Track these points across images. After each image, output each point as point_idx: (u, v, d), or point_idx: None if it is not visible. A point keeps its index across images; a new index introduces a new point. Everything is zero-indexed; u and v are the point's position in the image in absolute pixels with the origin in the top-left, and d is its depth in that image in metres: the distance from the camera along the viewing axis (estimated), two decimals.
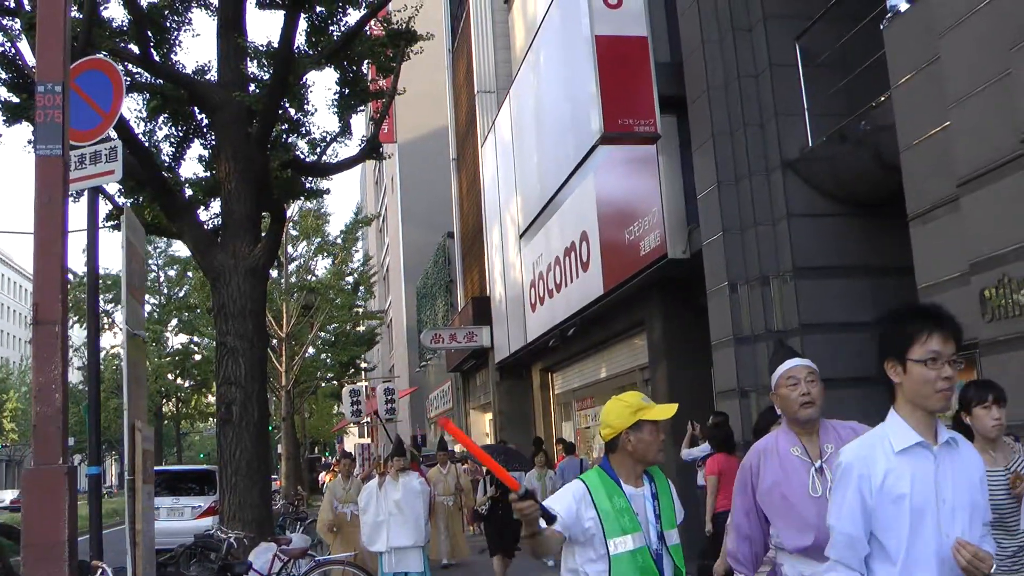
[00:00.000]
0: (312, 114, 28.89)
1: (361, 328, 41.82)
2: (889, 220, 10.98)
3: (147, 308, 35.42)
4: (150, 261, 39.22)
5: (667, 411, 4.10)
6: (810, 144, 11.35)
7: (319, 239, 36.70)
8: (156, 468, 8.26)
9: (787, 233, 11.57)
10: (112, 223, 14.01)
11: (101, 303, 34.08)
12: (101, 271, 29.30)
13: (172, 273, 40.51)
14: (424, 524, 11.40)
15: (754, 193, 11.92)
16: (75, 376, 52.93)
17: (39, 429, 4.93)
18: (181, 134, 15.01)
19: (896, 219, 9.97)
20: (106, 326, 37.65)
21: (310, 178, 16.45)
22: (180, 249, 38.72)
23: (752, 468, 4.64)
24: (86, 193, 8.49)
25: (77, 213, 9.32)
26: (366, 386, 37.39)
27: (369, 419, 30.27)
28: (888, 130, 9.38)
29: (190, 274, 37.83)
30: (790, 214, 11.57)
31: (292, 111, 14.95)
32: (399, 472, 11.30)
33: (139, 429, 6.11)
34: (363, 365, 45.04)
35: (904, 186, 8.95)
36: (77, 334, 45.94)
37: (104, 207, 12.57)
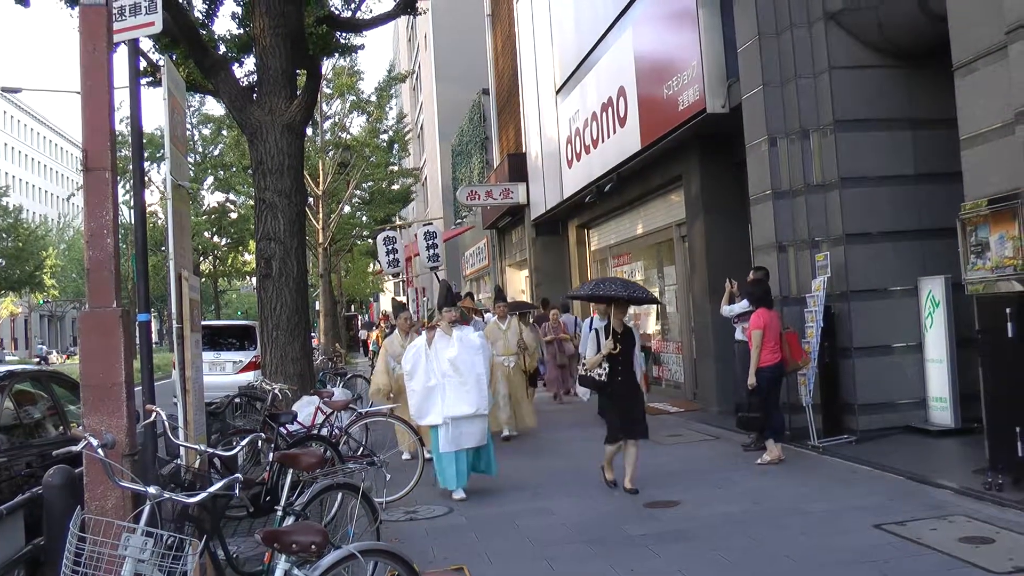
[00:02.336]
0: None
1: (396, 186, 41.79)
2: (932, 71, 10.82)
3: None
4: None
5: None
6: None
7: (353, 96, 36.40)
8: None
9: (828, 86, 11.43)
10: (148, 79, 13.98)
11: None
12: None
13: (207, 131, 40.35)
14: (487, 386, 9.71)
15: (795, 45, 11.73)
16: None
17: (92, 273, 5.05)
18: None
19: (940, 70, 9.83)
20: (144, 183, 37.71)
21: (344, 34, 16.26)
22: (214, 108, 38.70)
23: None
24: (124, 50, 8.48)
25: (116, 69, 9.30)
26: (401, 228, 36.15)
27: (404, 274, 29.10)
28: None
29: (224, 132, 37.71)
30: (832, 66, 11.41)
31: None
32: (451, 325, 9.69)
33: (186, 278, 6.20)
34: (398, 223, 45.16)
35: (950, 35, 8.77)
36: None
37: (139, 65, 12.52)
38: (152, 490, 4.34)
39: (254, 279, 59.05)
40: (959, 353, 10.87)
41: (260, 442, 7.94)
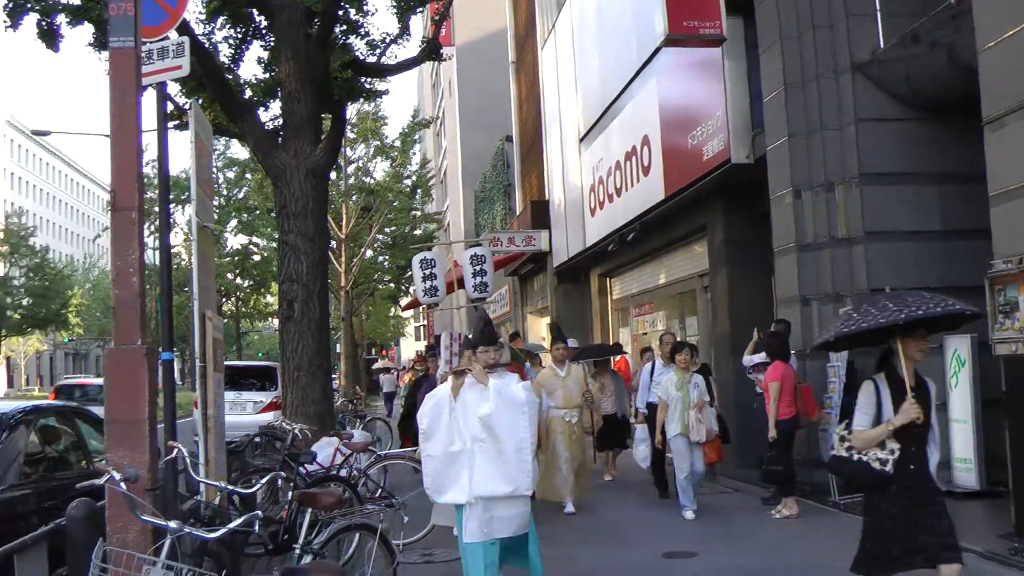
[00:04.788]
0: (371, 15, 28.68)
1: (419, 231, 42.01)
2: (960, 125, 10.76)
3: None
4: None
5: None
6: (881, 46, 11.12)
7: (377, 141, 36.71)
8: None
9: (854, 138, 11.41)
10: (174, 123, 14.13)
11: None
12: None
13: (231, 175, 40.71)
14: (531, 458, 6.92)
15: (822, 97, 11.73)
16: None
17: (118, 311, 5.11)
18: (240, 36, 15.01)
19: (968, 124, 9.77)
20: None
21: (369, 79, 16.41)
22: (238, 151, 38.96)
23: None
24: (152, 95, 8.62)
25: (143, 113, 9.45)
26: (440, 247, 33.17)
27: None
28: (965, 30, 9.15)
29: (248, 175, 38.04)
30: (858, 118, 11.40)
31: (351, 11, 14.89)
32: (488, 371, 6.93)
33: (210, 318, 6.25)
34: (437, 243, 45.31)
35: (981, 89, 8.73)
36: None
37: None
38: (173, 524, 4.36)
39: (276, 320, 59.41)
40: (984, 414, 10.67)
41: (279, 481, 7.93)
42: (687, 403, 10.67)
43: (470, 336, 7.35)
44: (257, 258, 44.59)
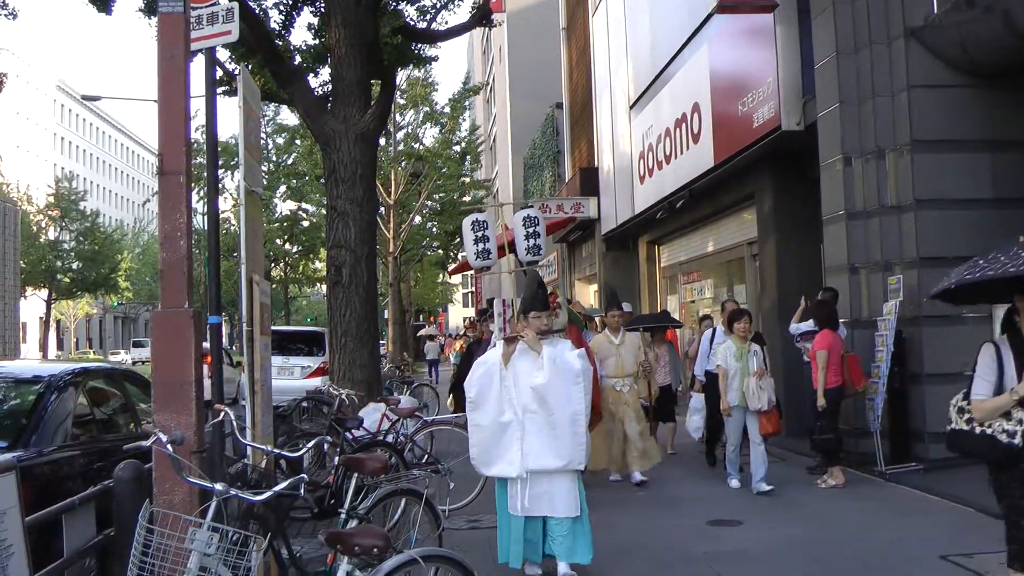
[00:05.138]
0: None
1: (468, 198, 42.05)
2: (1016, 92, 10.60)
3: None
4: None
5: None
6: (935, 11, 10.91)
7: (427, 108, 36.71)
8: None
9: (906, 105, 11.26)
10: (223, 89, 14.21)
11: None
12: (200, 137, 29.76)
13: (280, 141, 40.88)
14: (585, 431, 6.72)
15: (874, 63, 11.58)
16: None
17: (166, 274, 5.17)
18: (290, 2, 15.02)
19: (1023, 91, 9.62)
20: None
21: (419, 45, 16.40)
22: (288, 117, 39.08)
23: None
24: (201, 60, 8.66)
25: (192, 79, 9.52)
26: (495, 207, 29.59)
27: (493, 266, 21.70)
28: None
29: (298, 142, 38.22)
30: (910, 85, 11.24)
31: None
32: (541, 337, 6.72)
33: (257, 283, 6.30)
34: (488, 203, 45.37)
35: None
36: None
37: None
38: (219, 487, 4.42)
39: (324, 286, 59.84)
40: None
41: (326, 446, 8.01)
42: (746, 372, 10.45)
43: (522, 300, 7.12)
44: (306, 224, 44.80)
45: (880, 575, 6.99)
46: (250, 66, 14.44)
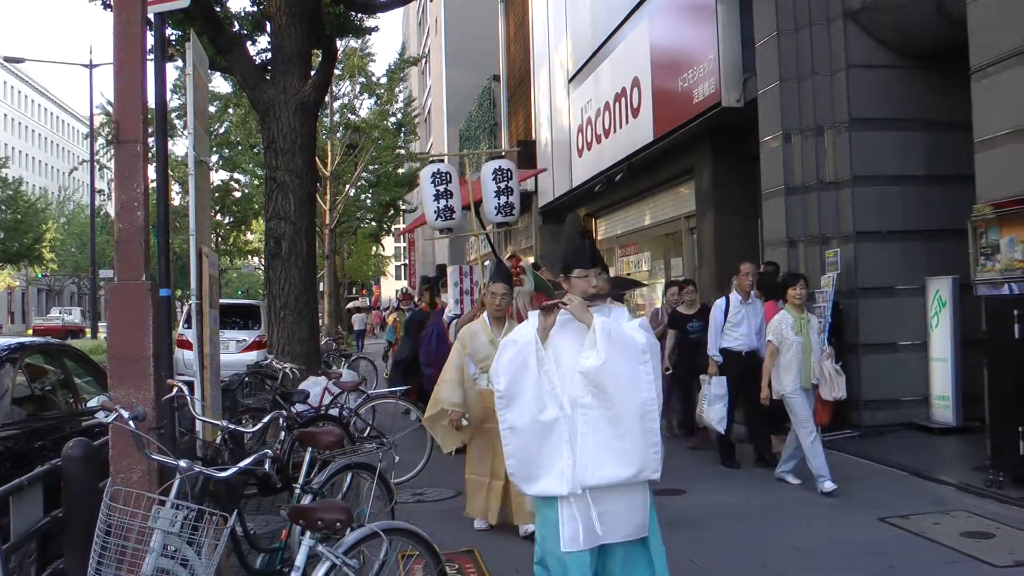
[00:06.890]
0: None
1: (403, 170, 41.80)
2: (948, 73, 10.91)
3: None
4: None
5: None
6: None
7: (363, 79, 36.39)
8: None
9: (844, 84, 11.51)
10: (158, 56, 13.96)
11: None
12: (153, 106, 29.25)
13: (212, 109, 40.18)
14: (659, 427, 4.60)
15: (813, 43, 11.80)
16: None
17: (122, 246, 5.08)
18: None
19: (956, 73, 9.92)
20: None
21: (359, 15, 16.24)
22: (219, 85, 38.39)
23: None
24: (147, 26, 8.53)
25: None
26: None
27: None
28: None
29: (231, 110, 37.63)
30: (849, 65, 11.48)
31: None
32: (590, 303, 4.69)
33: (206, 255, 6.26)
34: (403, 206, 45.13)
35: (969, 39, 8.85)
36: None
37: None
38: (183, 463, 4.38)
39: (255, 258, 58.97)
40: (963, 353, 11.00)
41: (282, 420, 7.96)
42: (808, 348, 8.98)
43: (560, 255, 5.07)
44: (238, 194, 44.20)
45: (824, 538, 7.18)
46: (187, 33, 14.19)
